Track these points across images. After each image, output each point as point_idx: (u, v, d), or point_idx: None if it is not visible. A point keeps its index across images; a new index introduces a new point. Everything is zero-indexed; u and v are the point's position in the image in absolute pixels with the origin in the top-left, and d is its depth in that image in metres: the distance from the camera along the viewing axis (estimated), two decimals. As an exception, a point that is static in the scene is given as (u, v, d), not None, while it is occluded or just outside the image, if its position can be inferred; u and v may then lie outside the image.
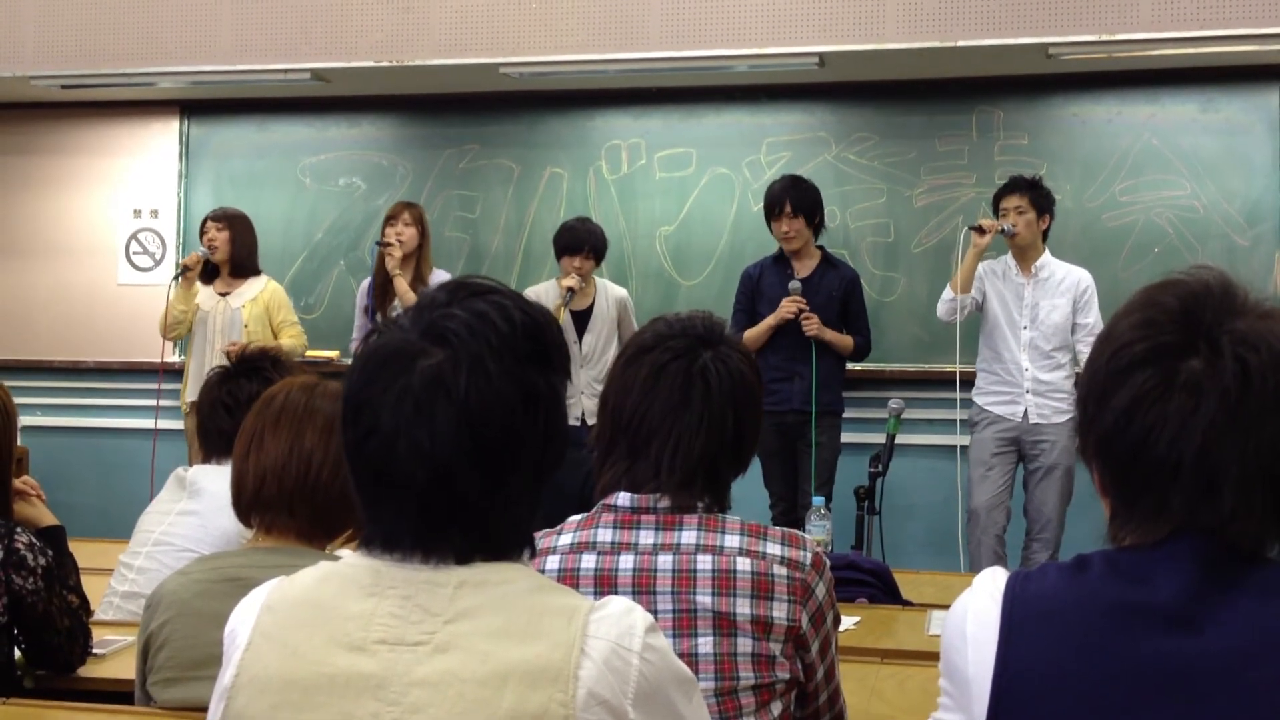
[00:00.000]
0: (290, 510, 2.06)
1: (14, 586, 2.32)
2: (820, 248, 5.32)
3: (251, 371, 2.84)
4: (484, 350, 1.26)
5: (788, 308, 5.11)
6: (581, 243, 5.32)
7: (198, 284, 5.60)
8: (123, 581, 2.88)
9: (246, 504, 2.10)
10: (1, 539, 2.33)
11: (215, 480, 2.72)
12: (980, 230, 5.04)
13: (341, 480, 2.04)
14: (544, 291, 5.32)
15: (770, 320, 5.16)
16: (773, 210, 5.22)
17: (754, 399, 1.89)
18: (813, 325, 5.10)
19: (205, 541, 2.69)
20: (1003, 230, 5.04)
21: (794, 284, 5.15)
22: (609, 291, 5.46)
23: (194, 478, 2.87)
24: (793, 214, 5.18)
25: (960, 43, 5.32)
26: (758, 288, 5.29)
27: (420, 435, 1.24)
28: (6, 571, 2.32)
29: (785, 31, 5.46)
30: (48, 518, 2.69)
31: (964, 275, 5.10)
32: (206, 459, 2.91)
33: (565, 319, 5.30)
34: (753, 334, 5.14)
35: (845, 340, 5.22)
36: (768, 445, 5.14)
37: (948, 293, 5.16)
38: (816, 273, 5.25)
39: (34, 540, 2.38)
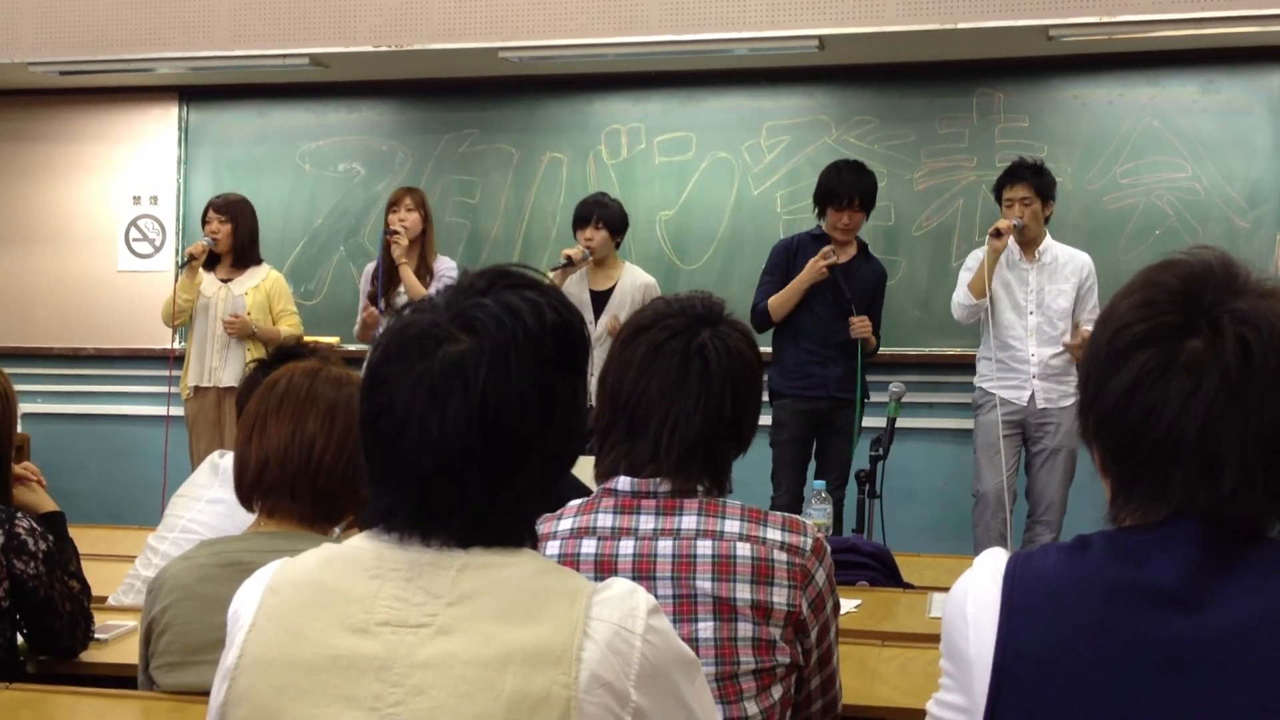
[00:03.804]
0: (292, 494, 2.06)
1: (15, 571, 2.32)
2: (856, 237, 5.25)
3: (290, 358, 2.83)
4: (509, 345, 1.25)
5: (819, 264, 4.96)
6: (590, 213, 5.28)
7: (201, 272, 5.60)
8: (147, 565, 2.89)
9: (248, 488, 2.10)
10: (2, 524, 2.33)
11: None
12: (998, 234, 4.97)
13: (344, 465, 2.04)
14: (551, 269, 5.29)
15: (801, 280, 5.00)
16: (838, 199, 5.05)
17: (753, 378, 1.89)
18: (866, 328, 5.02)
19: (230, 531, 2.69)
20: (1015, 226, 4.99)
21: (828, 247, 5.02)
22: (634, 276, 5.39)
23: (227, 465, 2.87)
24: (859, 207, 5.07)
25: (960, 25, 5.31)
26: (794, 263, 5.13)
27: (431, 422, 1.24)
28: (7, 556, 2.32)
29: (785, 14, 5.45)
30: (48, 503, 2.69)
31: (986, 280, 5.00)
32: None
33: (584, 298, 5.27)
34: (782, 297, 5.03)
35: (873, 343, 5.17)
36: (793, 431, 5.10)
37: (967, 298, 5.08)
38: (855, 262, 5.16)
39: (35, 525, 2.38)
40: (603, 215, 5.28)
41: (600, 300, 5.33)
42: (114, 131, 6.71)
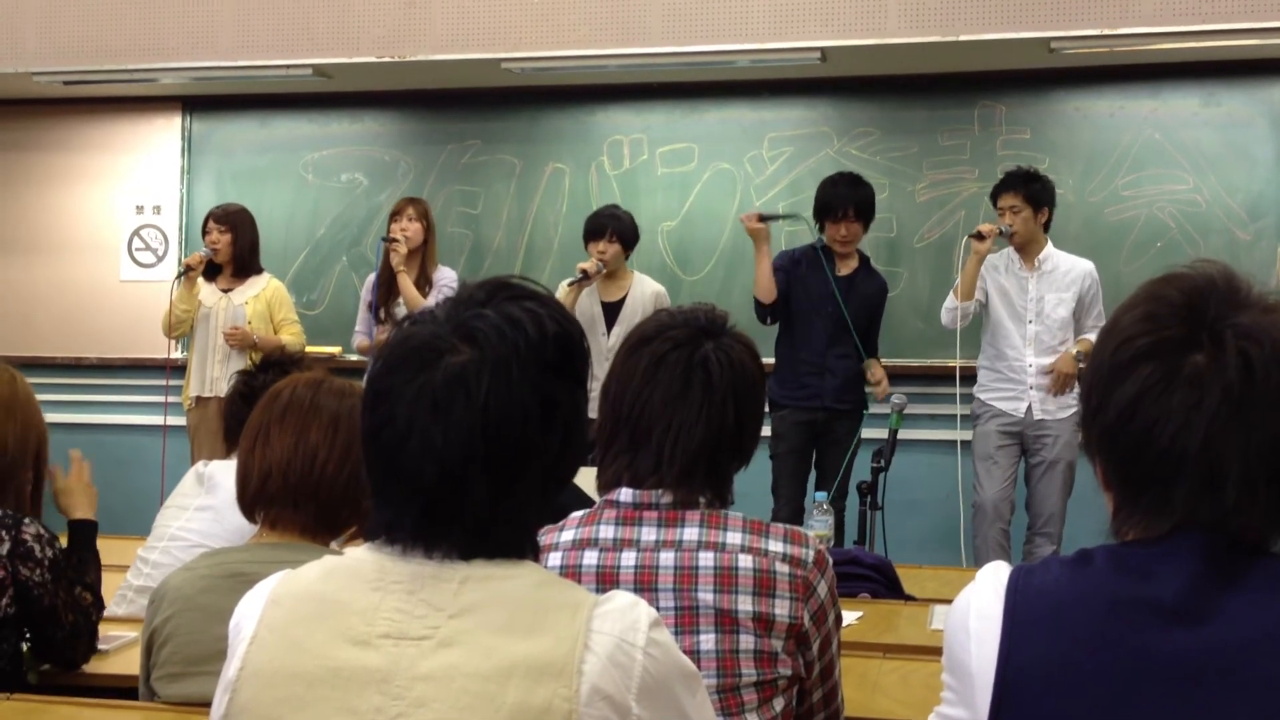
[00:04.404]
0: (295, 505, 2.06)
1: (20, 577, 2.32)
2: (857, 250, 5.26)
3: (273, 368, 2.84)
4: (510, 355, 1.26)
5: (755, 226, 5.07)
6: (603, 226, 5.28)
7: (200, 281, 5.61)
8: (138, 575, 2.90)
9: (251, 499, 2.10)
10: (9, 530, 2.33)
11: (231, 475, 2.72)
12: (980, 237, 5.01)
13: (346, 476, 2.04)
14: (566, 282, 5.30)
15: (756, 251, 5.09)
16: (833, 212, 5.10)
17: (756, 390, 1.89)
18: (884, 385, 5.07)
19: (220, 536, 2.70)
20: (1001, 231, 5.02)
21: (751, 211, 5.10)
22: (644, 286, 5.40)
23: (211, 473, 2.89)
24: (854, 218, 5.09)
25: (962, 37, 5.32)
26: (793, 273, 5.17)
27: (434, 433, 1.24)
28: (13, 562, 2.32)
29: (787, 26, 5.46)
30: (81, 510, 2.68)
31: (966, 283, 5.05)
32: (228, 454, 2.92)
33: (596, 310, 5.29)
34: (758, 277, 5.11)
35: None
36: (792, 442, 5.11)
37: (950, 300, 5.13)
38: (857, 274, 5.18)
39: (42, 531, 2.38)
40: (616, 228, 5.29)
41: (612, 311, 5.33)
42: (117, 141, 6.72)
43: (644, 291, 5.35)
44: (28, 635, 2.41)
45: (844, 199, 5.09)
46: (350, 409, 2.06)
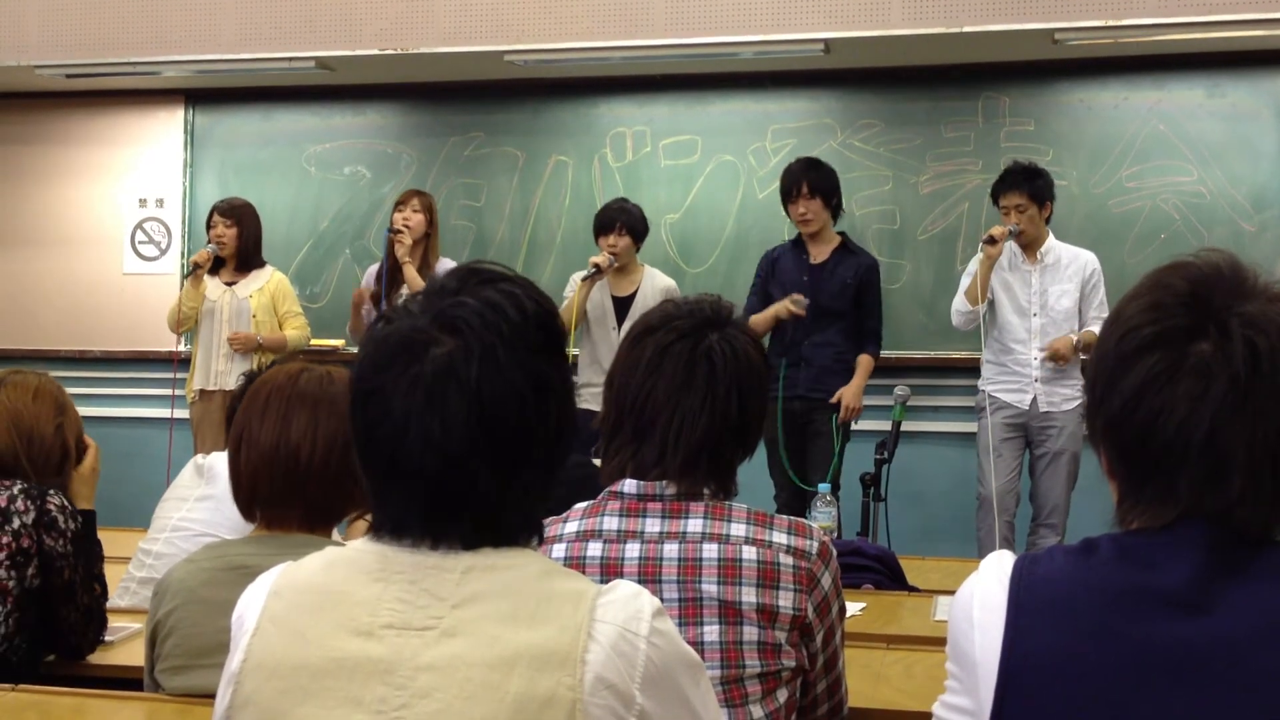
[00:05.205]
0: (286, 504, 2.06)
1: (45, 546, 2.33)
2: (841, 234, 5.27)
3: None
4: (496, 340, 1.26)
5: (786, 308, 5.06)
6: (613, 220, 5.29)
7: (205, 277, 5.61)
8: (140, 567, 2.91)
9: (244, 502, 2.10)
10: (34, 500, 2.34)
11: None
12: (992, 241, 4.98)
13: (334, 467, 2.02)
14: (580, 276, 5.30)
15: (770, 313, 5.11)
16: (790, 192, 5.15)
17: (759, 382, 1.89)
18: (852, 413, 5.07)
19: (222, 526, 2.71)
20: (1011, 232, 5.00)
21: (798, 297, 5.07)
22: (655, 280, 5.40)
23: (210, 464, 2.90)
24: (810, 195, 5.10)
25: (966, 28, 5.31)
26: (773, 271, 5.23)
27: (431, 424, 1.24)
28: (38, 531, 2.32)
29: (791, 18, 5.45)
30: (84, 500, 2.70)
31: (981, 287, 5.02)
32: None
33: (607, 304, 5.29)
34: (755, 320, 5.09)
35: (869, 367, 5.19)
36: (770, 433, 5.11)
37: (964, 305, 5.09)
38: (833, 258, 5.18)
39: (65, 503, 2.40)
40: (626, 222, 5.29)
41: (623, 306, 5.33)
42: (120, 134, 6.72)
43: (655, 285, 5.36)
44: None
45: (795, 178, 5.13)
46: (333, 395, 2.04)
